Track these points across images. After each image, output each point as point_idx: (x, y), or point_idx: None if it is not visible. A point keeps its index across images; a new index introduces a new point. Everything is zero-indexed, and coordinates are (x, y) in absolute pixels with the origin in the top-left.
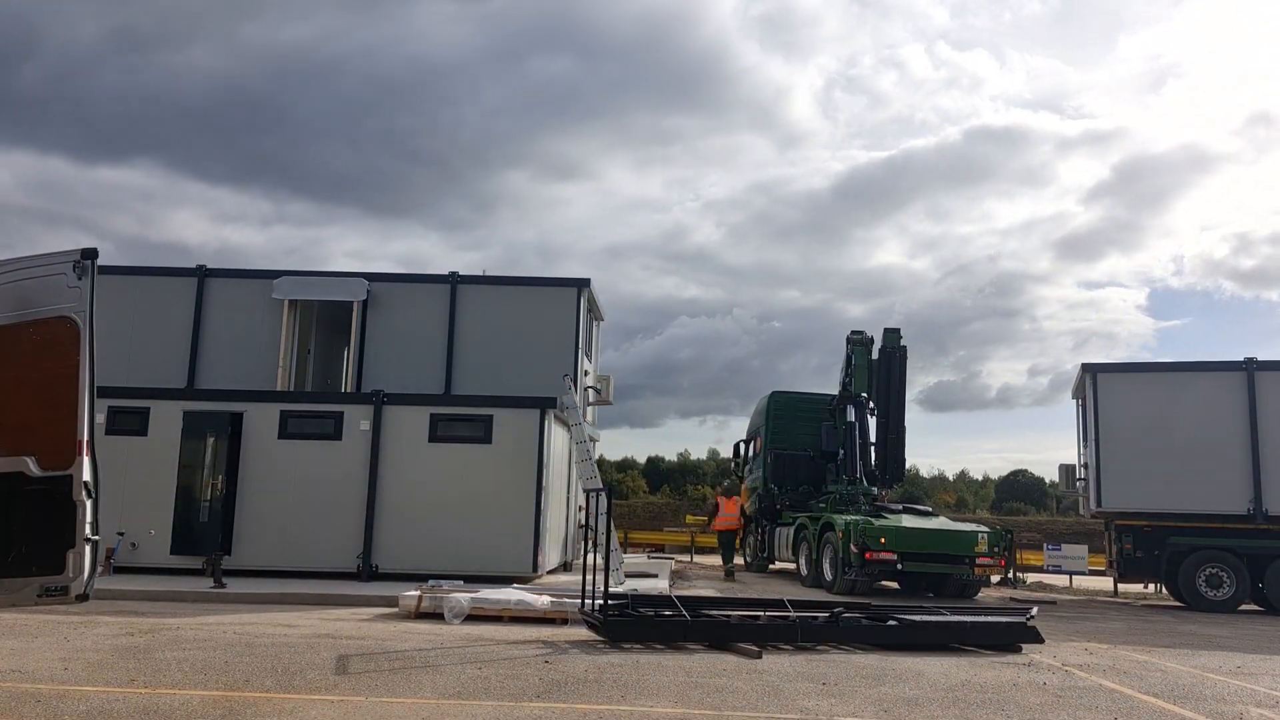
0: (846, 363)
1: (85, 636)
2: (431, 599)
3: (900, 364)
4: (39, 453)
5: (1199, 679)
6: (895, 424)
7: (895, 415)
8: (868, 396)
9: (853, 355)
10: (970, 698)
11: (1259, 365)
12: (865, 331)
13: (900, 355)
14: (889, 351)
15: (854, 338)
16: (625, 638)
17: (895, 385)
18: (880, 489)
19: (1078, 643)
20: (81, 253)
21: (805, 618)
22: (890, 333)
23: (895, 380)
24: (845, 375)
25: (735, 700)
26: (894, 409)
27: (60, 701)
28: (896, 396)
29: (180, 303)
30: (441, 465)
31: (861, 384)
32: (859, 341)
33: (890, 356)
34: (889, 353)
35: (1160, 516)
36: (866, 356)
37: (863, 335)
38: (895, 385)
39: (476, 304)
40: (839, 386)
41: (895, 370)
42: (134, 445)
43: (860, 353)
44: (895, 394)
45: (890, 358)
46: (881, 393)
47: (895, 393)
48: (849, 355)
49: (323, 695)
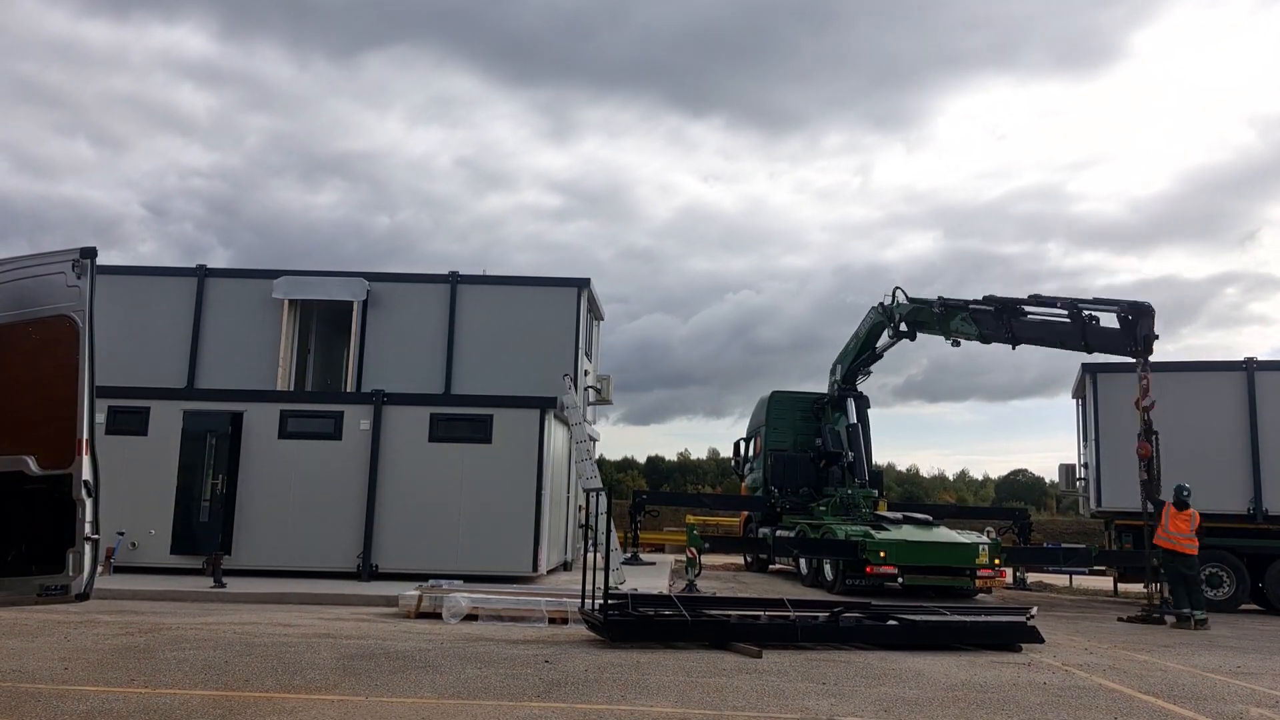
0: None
1: (85, 636)
2: (431, 599)
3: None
4: (39, 452)
5: (1199, 679)
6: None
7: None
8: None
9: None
10: (970, 697)
11: (1259, 365)
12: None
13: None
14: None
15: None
16: (625, 637)
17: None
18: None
19: (1078, 643)
20: (80, 252)
21: (805, 617)
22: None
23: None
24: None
25: (735, 700)
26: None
27: (60, 701)
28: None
29: (180, 303)
30: (441, 465)
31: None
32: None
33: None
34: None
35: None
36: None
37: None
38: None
39: (476, 304)
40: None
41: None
42: (134, 445)
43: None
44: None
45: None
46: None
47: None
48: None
49: (323, 695)
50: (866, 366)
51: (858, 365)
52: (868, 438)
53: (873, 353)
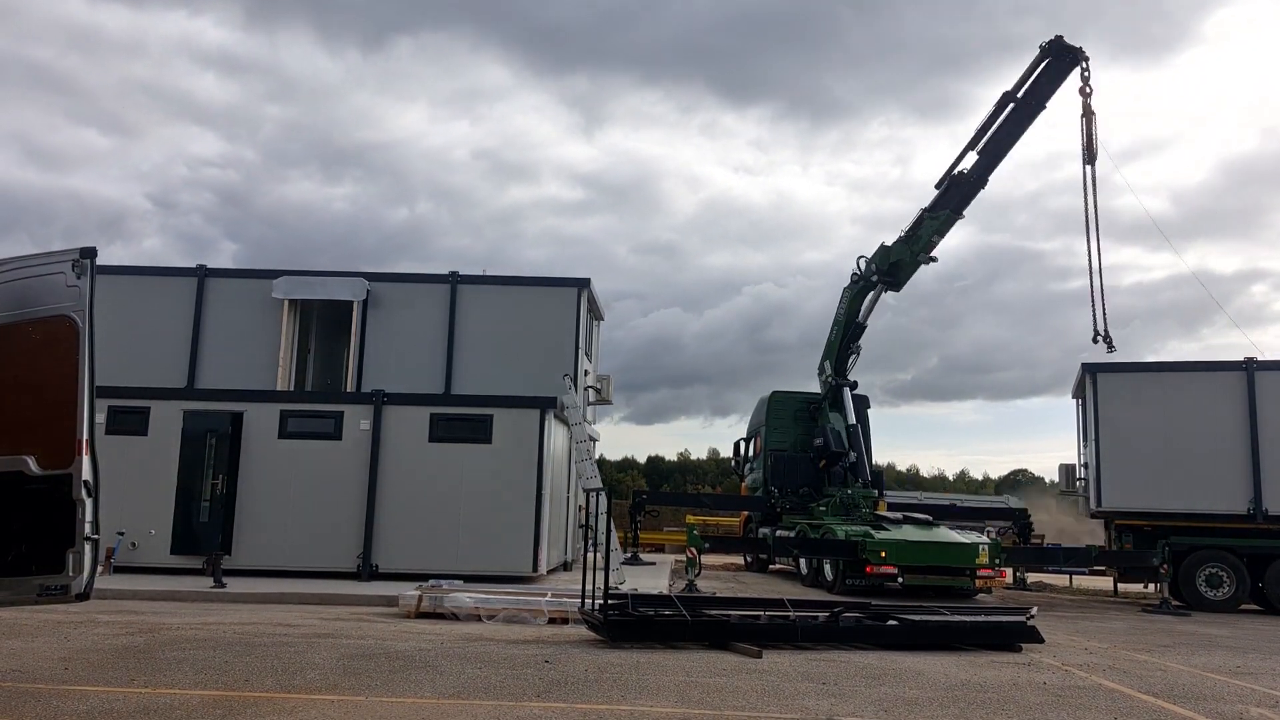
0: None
1: (85, 636)
2: (431, 599)
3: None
4: (39, 452)
5: (1199, 679)
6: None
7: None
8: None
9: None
10: (970, 697)
11: (1259, 365)
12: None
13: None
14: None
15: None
16: (625, 637)
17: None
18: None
19: (1078, 643)
20: (80, 252)
21: (805, 617)
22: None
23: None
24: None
25: (735, 700)
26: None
27: (60, 701)
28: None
29: (180, 303)
30: (441, 465)
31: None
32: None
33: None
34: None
35: (1160, 516)
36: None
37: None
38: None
39: (476, 304)
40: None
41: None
42: (134, 445)
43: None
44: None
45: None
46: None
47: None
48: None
49: (323, 695)
50: (853, 344)
51: (845, 350)
52: (867, 438)
53: (858, 326)
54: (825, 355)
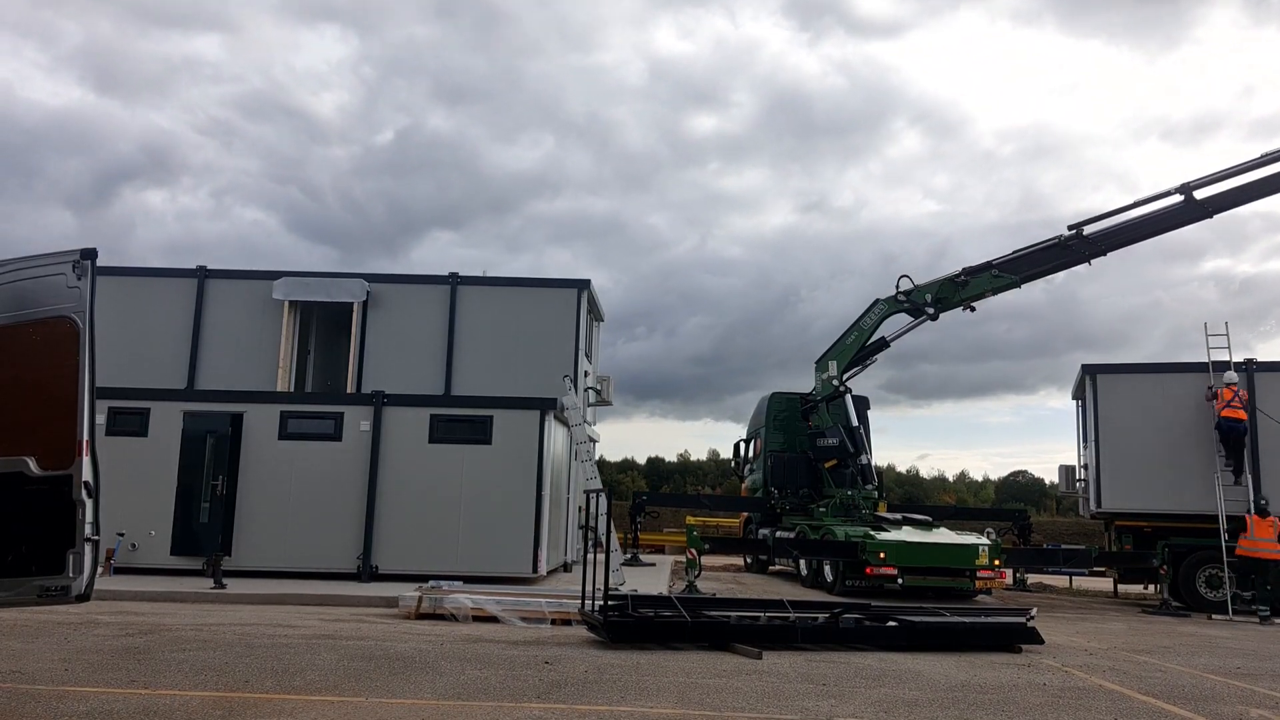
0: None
1: (85, 637)
2: (431, 599)
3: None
4: (39, 453)
5: (1198, 679)
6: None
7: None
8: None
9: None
10: (970, 698)
11: (1259, 366)
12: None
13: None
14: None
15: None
16: (625, 638)
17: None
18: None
19: (1077, 643)
20: (80, 253)
21: (805, 618)
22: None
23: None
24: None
25: (735, 701)
26: None
27: (60, 701)
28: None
29: (180, 303)
30: (441, 466)
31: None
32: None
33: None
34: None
35: (1160, 517)
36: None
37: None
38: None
39: (476, 304)
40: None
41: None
42: (134, 445)
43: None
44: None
45: None
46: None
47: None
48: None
49: (322, 696)
50: (871, 358)
51: (859, 359)
52: (868, 438)
53: (882, 342)
54: (836, 356)
